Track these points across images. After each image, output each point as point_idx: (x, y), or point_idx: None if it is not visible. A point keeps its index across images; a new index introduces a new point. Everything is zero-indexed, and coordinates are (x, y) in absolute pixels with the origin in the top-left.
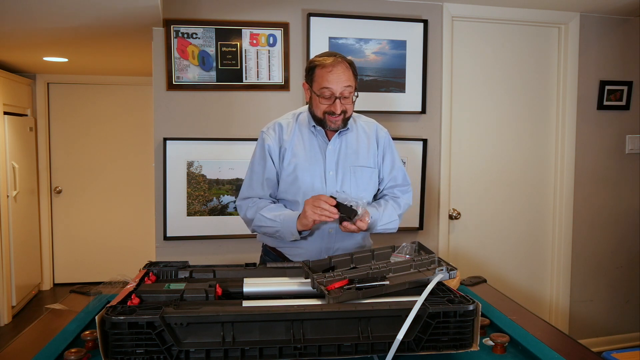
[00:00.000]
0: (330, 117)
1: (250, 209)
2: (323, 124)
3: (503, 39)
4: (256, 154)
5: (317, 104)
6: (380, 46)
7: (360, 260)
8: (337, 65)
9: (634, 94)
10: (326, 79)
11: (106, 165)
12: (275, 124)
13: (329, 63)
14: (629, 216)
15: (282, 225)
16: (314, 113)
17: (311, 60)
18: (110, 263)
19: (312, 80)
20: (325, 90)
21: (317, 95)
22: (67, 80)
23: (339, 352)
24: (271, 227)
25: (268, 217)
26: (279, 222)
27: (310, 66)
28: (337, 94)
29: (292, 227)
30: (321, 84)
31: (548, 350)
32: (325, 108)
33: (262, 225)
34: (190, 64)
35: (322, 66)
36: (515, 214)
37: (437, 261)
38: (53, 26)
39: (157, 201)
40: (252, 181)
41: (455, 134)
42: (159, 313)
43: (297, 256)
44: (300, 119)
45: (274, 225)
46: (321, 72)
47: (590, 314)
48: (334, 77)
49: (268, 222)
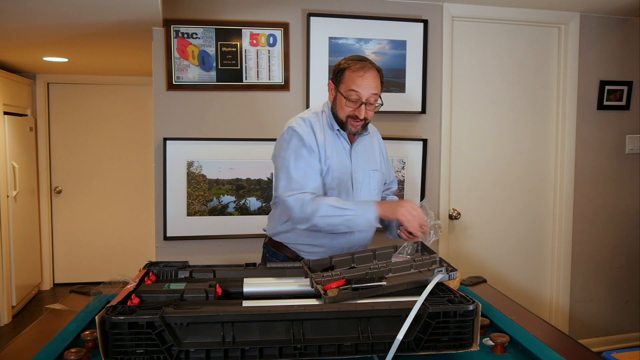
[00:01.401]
0: (352, 120)
1: (308, 202)
2: (343, 126)
3: (503, 39)
4: (295, 149)
5: (342, 106)
6: (380, 46)
7: (362, 260)
8: (368, 70)
9: (634, 94)
10: (356, 83)
11: (106, 165)
12: (305, 121)
13: (360, 67)
14: (629, 216)
15: (357, 212)
16: (337, 114)
17: (341, 62)
18: (110, 263)
19: (340, 82)
20: (352, 93)
21: (343, 97)
22: (67, 80)
23: (339, 352)
24: (341, 215)
25: (337, 205)
26: (351, 209)
27: (341, 67)
28: (364, 99)
29: (370, 213)
30: (349, 86)
31: (548, 350)
32: (350, 112)
33: (329, 215)
34: (190, 64)
35: (354, 69)
36: (515, 214)
37: (439, 261)
38: (53, 26)
39: (157, 201)
40: (303, 175)
41: (455, 134)
42: (159, 313)
43: (317, 254)
44: (323, 119)
45: (345, 214)
46: (352, 75)
47: (590, 314)
48: (363, 82)
49: (338, 210)
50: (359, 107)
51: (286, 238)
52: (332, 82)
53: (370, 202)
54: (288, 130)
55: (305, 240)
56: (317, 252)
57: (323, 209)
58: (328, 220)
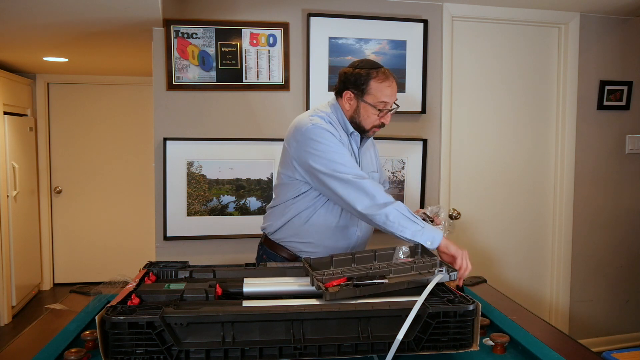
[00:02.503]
0: (375, 128)
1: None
2: (364, 133)
3: (503, 39)
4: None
5: (369, 116)
6: (380, 46)
7: (362, 260)
8: (392, 79)
9: (634, 94)
10: (386, 94)
11: (106, 165)
12: (323, 118)
13: (385, 77)
14: (629, 216)
15: (425, 227)
16: (360, 124)
17: (360, 71)
18: (110, 263)
19: (365, 92)
20: (381, 104)
21: (372, 107)
22: (67, 80)
23: (339, 352)
24: (413, 221)
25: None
26: (421, 224)
27: (362, 76)
28: (390, 107)
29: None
30: (379, 97)
31: (548, 350)
32: (375, 121)
33: (405, 215)
34: (190, 64)
35: (380, 79)
36: (515, 214)
37: (439, 263)
38: (53, 26)
39: (157, 201)
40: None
41: (455, 134)
42: (159, 313)
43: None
44: (334, 120)
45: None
46: (380, 86)
47: (590, 314)
48: (391, 91)
49: (410, 214)
50: (386, 115)
51: (284, 236)
52: (350, 92)
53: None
54: (315, 128)
55: (302, 238)
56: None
57: (401, 205)
58: (401, 219)
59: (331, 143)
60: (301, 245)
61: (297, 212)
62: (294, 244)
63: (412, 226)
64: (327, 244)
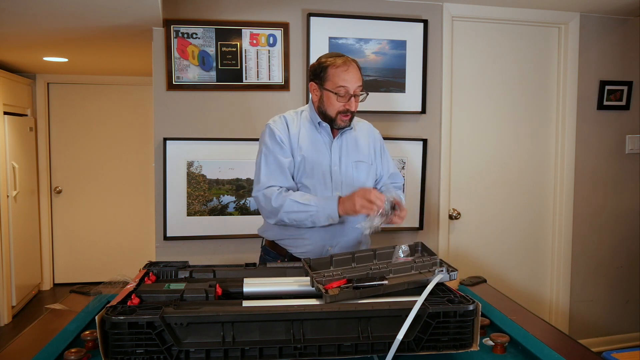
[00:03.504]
0: (342, 115)
1: (275, 197)
2: (332, 122)
3: (503, 39)
4: (267, 144)
5: (332, 103)
6: (380, 46)
7: (362, 260)
8: (350, 64)
9: (634, 94)
10: (342, 78)
11: (106, 165)
12: (281, 117)
13: (342, 62)
14: (629, 216)
15: (319, 208)
16: (326, 112)
17: (320, 61)
18: (110, 263)
19: (324, 80)
20: (341, 89)
21: (333, 94)
22: (67, 80)
23: (339, 352)
24: (304, 211)
25: (301, 201)
26: (314, 205)
27: (323, 66)
28: (352, 92)
29: (330, 210)
30: (337, 82)
31: (548, 350)
32: (340, 107)
33: (293, 211)
34: (190, 64)
35: (337, 65)
36: (515, 214)
37: (439, 262)
38: (53, 26)
39: (157, 201)
40: (271, 170)
41: (455, 134)
42: (159, 313)
43: (301, 247)
44: (303, 116)
45: (308, 209)
46: (336, 72)
47: (590, 314)
48: (349, 75)
49: (301, 206)
50: (349, 101)
51: (275, 235)
52: (314, 82)
53: (333, 198)
54: (264, 128)
55: (290, 235)
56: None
57: (287, 204)
58: (292, 215)
59: (263, 149)
60: (287, 241)
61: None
62: (285, 240)
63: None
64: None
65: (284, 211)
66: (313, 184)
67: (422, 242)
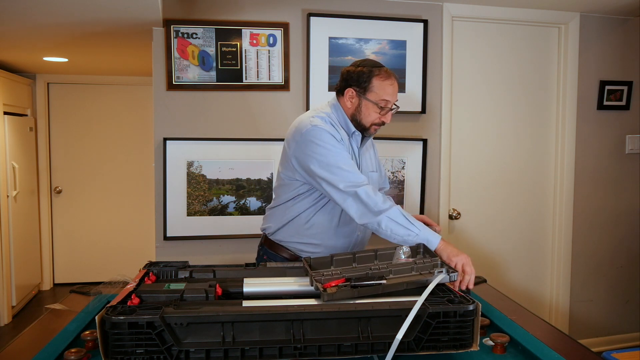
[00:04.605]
0: (375, 126)
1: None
2: (365, 131)
3: (503, 39)
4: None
5: (370, 113)
6: (380, 46)
7: (363, 260)
8: (394, 78)
9: (634, 94)
10: (388, 92)
11: (106, 165)
12: (324, 119)
13: (387, 75)
14: (629, 216)
15: (421, 232)
16: (360, 121)
17: (364, 69)
18: (110, 263)
19: (367, 89)
20: (383, 102)
21: (373, 104)
22: (67, 80)
23: (339, 352)
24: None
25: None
26: (418, 227)
27: (364, 74)
28: (391, 105)
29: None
30: (381, 95)
31: (548, 350)
32: (376, 119)
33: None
34: (190, 64)
35: (382, 77)
36: (515, 214)
37: (440, 264)
38: (53, 26)
39: (157, 201)
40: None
41: (455, 134)
42: (159, 313)
43: (314, 253)
44: (334, 120)
45: (411, 229)
46: (382, 84)
47: (590, 314)
48: (393, 89)
49: (406, 221)
50: (387, 114)
51: (284, 236)
52: (353, 89)
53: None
54: (314, 130)
55: (303, 239)
56: (313, 251)
57: (394, 211)
58: (392, 224)
59: (330, 146)
60: (302, 245)
61: (297, 212)
62: (295, 244)
63: (404, 232)
64: (328, 244)
65: (388, 217)
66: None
67: (424, 244)
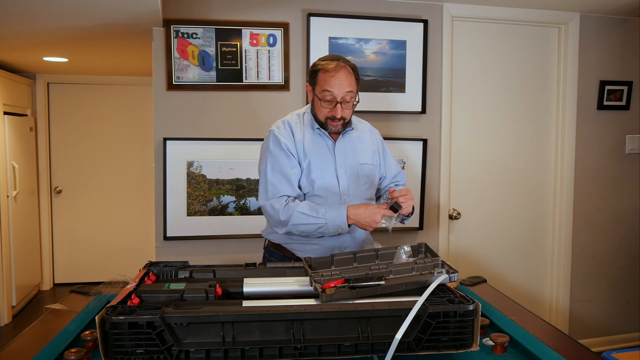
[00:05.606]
0: (331, 121)
1: (282, 210)
2: (324, 127)
3: (503, 39)
4: (273, 152)
5: (319, 107)
6: (380, 46)
7: (363, 260)
8: (339, 70)
9: (634, 94)
10: (328, 83)
11: (106, 165)
12: (284, 123)
13: (331, 68)
14: (629, 216)
15: (328, 220)
16: (316, 116)
17: (315, 64)
18: (110, 263)
19: (314, 83)
20: (326, 94)
21: (318, 99)
22: (67, 80)
23: (339, 352)
24: (313, 223)
25: (309, 213)
26: (322, 216)
27: (314, 69)
28: (339, 98)
29: (340, 221)
30: (323, 87)
31: (548, 350)
32: (327, 112)
33: (302, 223)
34: (190, 64)
35: (325, 70)
36: (515, 214)
37: (440, 264)
38: (53, 26)
39: (157, 201)
40: (278, 180)
41: (455, 134)
42: (159, 313)
43: (309, 252)
44: (304, 119)
45: (317, 222)
46: (324, 76)
47: (590, 314)
48: (336, 81)
49: (309, 218)
50: (335, 107)
51: (280, 239)
52: (309, 84)
53: (341, 208)
54: (268, 135)
55: (298, 239)
56: (310, 250)
57: (295, 216)
58: (300, 227)
59: (268, 153)
60: (294, 245)
61: None
62: (287, 244)
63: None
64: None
65: (292, 224)
66: (321, 190)
67: (425, 244)
